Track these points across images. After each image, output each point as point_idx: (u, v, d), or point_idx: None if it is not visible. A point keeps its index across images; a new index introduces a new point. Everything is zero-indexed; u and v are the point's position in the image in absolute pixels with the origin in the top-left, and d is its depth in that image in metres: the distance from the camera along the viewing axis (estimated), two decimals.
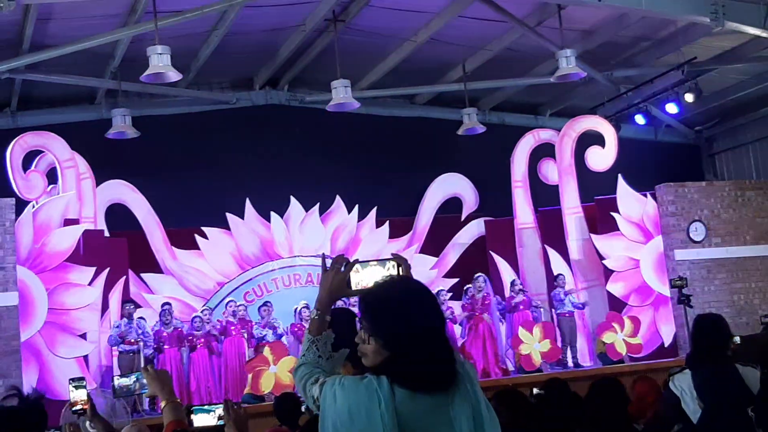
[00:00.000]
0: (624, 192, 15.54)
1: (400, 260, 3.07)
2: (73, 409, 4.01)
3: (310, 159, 16.38)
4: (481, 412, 2.58)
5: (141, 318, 13.67)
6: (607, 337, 14.49)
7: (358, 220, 16.43)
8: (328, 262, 3.05)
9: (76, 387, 4.00)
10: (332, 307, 3.01)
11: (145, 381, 3.48)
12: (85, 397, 4.10)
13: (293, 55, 15.41)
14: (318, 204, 16.08)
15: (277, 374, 13.01)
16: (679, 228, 15.27)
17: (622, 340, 14.51)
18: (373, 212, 16.48)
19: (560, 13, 13.52)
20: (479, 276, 15.10)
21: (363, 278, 2.94)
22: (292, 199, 16.00)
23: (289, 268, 15.97)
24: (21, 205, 12.92)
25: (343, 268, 3.00)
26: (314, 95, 16.42)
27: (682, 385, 5.20)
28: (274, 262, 15.86)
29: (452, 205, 17.27)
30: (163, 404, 3.44)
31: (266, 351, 13.32)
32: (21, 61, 13.05)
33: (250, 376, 13.27)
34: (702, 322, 5.39)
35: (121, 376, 3.65)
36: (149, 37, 12.03)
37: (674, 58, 15.41)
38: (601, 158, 15.91)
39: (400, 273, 2.97)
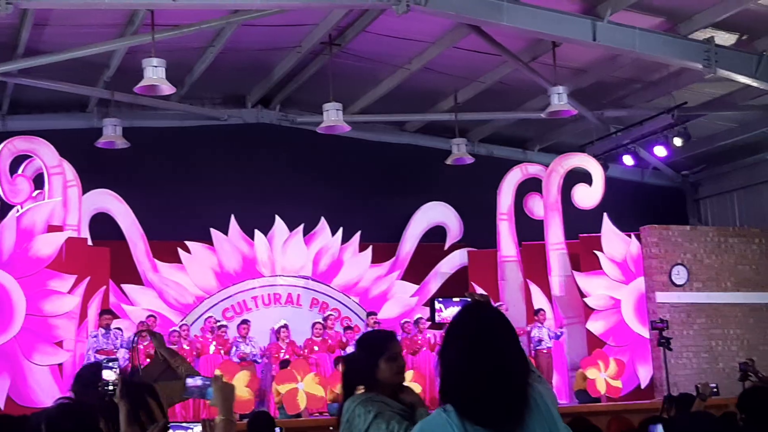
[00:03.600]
0: (608, 231, 15.61)
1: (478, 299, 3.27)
2: (106, 388, 3.95)
3: (298, 179, 16.40)
4: None
5: (118, 328, 13.58)
6: (591, 373, 14.50)
7: (342, 243, 16.45)
8: None
9: (108, 368, 3.95)
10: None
11: (212, 389, 3.45)
12: (114, 377, 4.05)
13: (287, 76, 15.46)
14: (302, 225, 16.10)
15: (306, 390, 12.99)
16: (662, 270, 15.33)
17: (604, 380, 14.52)
18: (357, 236, 16.50)
19: (554, 50, 13.64)
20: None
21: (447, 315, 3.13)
22: (277, 219, 16.01)
23: (270, 287, 15.94)
24: (5, 208, 12.87)
25: None
26: (305, 116, 16.45)
27: None
28: (255, 281, 15.83)
29: (436, 233, 17.31)
30: (218, 419, 3.38)
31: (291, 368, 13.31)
32: (15, 65, 13.05)
33: (278, 394, 13.17)
34: None
35: (189, 376, 3.60)
36: (145, 48, 12.07)
37: (665, 101, 15.54)
38: (587, 196, 15.97)
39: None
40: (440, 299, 4.08)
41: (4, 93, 14.59)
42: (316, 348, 14.32)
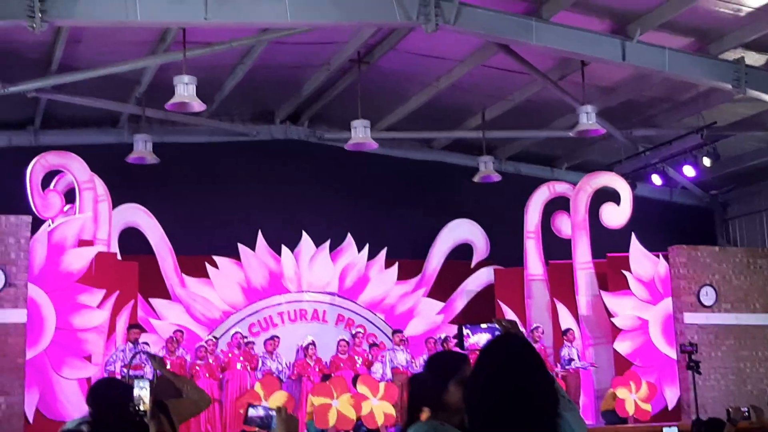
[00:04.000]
0: (636, 251, 15.52)
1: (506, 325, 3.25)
2: (137, 408, 3.96)
3: (325, 195, 16.46)
4: None
5: (145, 343, 13.65)
6: (621, 393, 14.38)
7: (368, 260, 16.48)
8: None
9: (137, 384, 3.96)
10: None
11: (275, 420, 3.43)
12: (147, 395, 4.06)
13: (315, 92, 15.55)
14: (329, 241, 16.15)
15: (339, 408, 13.03)
16: (690, 291, 15.22)
17: (634, 401, 14.40)
18: (383, 253, 16.53)
19: (583, 69, 13.62)
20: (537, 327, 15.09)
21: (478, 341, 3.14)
22: (304, 235, 16.07)
23: (296, 303, 16.00)
24: (37, 223, 12.99)
25: None
26: (333, 133, 16.53)
27: None
28: (282, 296, 15.90)
29: (462, 251, 17.30)
30: None
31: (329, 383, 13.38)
32: (48, 81, 13.21)
33: (312, 405, 13.21)
34: None
35: (252, 406, 3.58)
36: (176, 65, 12.17)
37: (694, 120, 15.48)
38: (615, 215, 15.90)
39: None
40: (468, 325, 4.05)
41: (38, 108, 14.75)
42: (341, 365, 14.32)
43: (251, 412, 3.50)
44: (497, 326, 3.52)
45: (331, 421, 12.83)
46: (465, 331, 15.01)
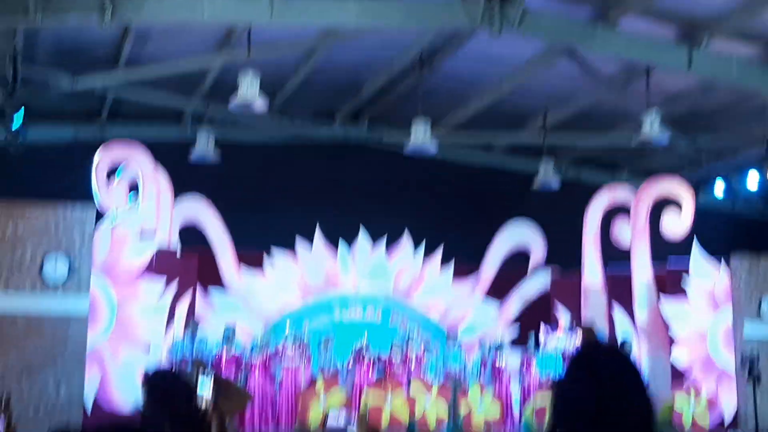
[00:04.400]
0: (697, 259, 15.30)
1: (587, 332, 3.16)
2: (199, 393, 4.05)
3: (383, 196, 16.50)
4: None
5: (203, 335, 13.83)
6: (679, 405, 14.15)
7: (424, 261, 16.47)
8: None
9: (206, 375, 4.05)
10: None
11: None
12: (209, 389, 4.14)
13: (377, 93, 15.59)
14: (385, 241, 16.18)
15: (392, 410, 13.09)
16: (750, 302, 14.97)
17: (692, 414, 14.16)
18: (440, 254, 16.50)
19: (648, 76, 13.46)
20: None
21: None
22: (361, 235, 16.13)
23: (351, 301, 16.08)
24: (101, 214, 13.23)
25: None
26: (393, 133, 16.55)
27: None
28: (337, 294, 15.98)
29: (520, 255, 17.20)
30: None
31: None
32: (116, 77, 13.46)
33: (364, 409, 13.30)
34: None
35: (332, 410, 3.64)
36: (240, 62, 12.32)
37: (759, 131, 15.21)
38: (676, 224, 15.68)
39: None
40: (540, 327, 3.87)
41: (105, 102, 15.02)
42: (395, 367, 14.33)
43: (333, 416, 3.53)
44: (575, 331, 3.38)
45: (384, 423, 12.86)
46: (541, 332, 15.01)
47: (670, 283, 15.37)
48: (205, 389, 4.13)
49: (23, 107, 12.45)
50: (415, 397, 13.31)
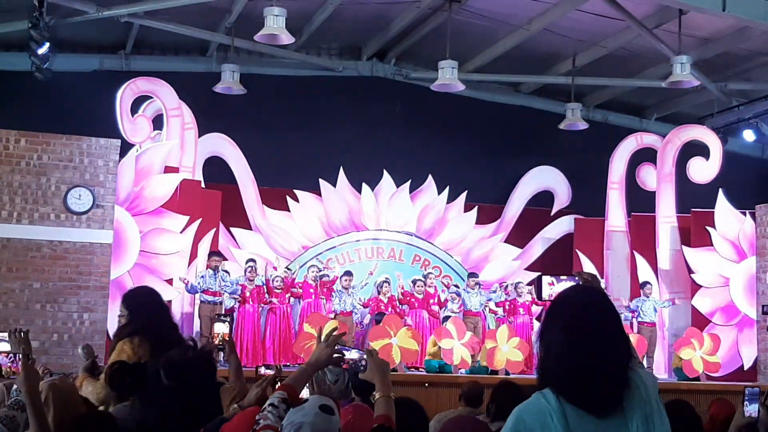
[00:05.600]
0: (723, 207, 15.17)
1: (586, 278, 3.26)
2: (214, 343, 4.08)
3: (408, 135, 16.41)
4: (653, 419, 2.55)
5: (225, 271, 13.92)
6: (685, 354, 14.15)
7: (447, 202, 16.44)
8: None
9: (217, 320, 4.07)
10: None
11: (366, 363, 3.47)
12: (226, 331, 4.17)
13: (404, 30, 15.40)
14: (410, 181, 16.14)
15: (399, 344, 13.07)
16: None
17: (700, 358, 14.18)
18: (463, 196, 16.46)
19: (681, 18, 13.21)
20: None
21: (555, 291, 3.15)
22: (385, 173, 16.09)
23: (374, 241, 16.11)
24: (126, 147, 13.24)
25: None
26: (420, 72, 16.41)
27: None
28: (360, 233, 16.00)
29: (543, 198, 17.13)
30: (379, 395, 3.42)
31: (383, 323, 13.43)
32: (141, 7, 13.37)
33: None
34: None
35: (344, 348, 3.62)
36: None
37: None
38: (703, 170, 15.53)
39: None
40: (547, 276, 4.03)
41: (129, 34, 14.93)
42: (416, 304, 14.40)
43: (346, 354, 3.50)
44: (577, 279, 3.46)
45: (397, 358, 12.90)
46: (545, 281, 14.99)
47: (694, 229, 15.27)
48: (222, 326, 4.14)
49: (48, 35, 12.42)
50: (447, 332, 13.32)
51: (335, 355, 3.42)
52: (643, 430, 2.51)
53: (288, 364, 12.56)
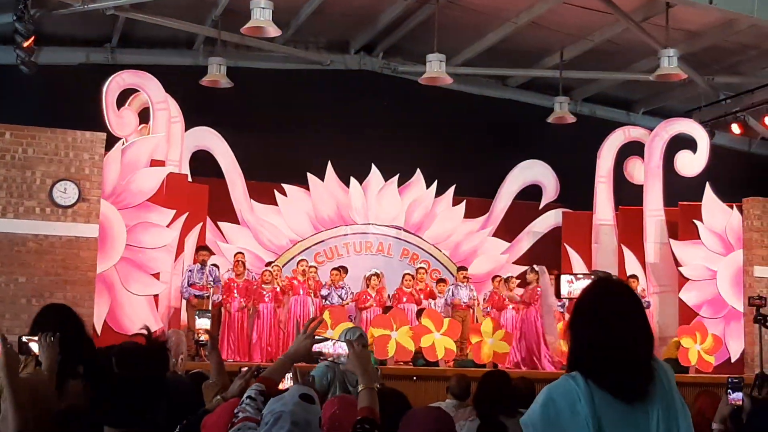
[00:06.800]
0: (710, 201, 15.22)
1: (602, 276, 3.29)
2: (196, 338, 4.07)
3: (396, 129, 16.36)
4: (676, 410, 2.70)
5: (213, 265, 13.85)
6: (686, 342, 14.19)
7: (436, 196, 16.44)
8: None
9: (200, 316, 4.04)
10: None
11: (346, 354, 3.46)
12: (207, 327, 4.14)
13: (392, 24, 15.37)
14: (398, 175, 16.12)
15: (398, 340, 13.10)
16: (762, 244, 14.92)
17: (698, 352, 14.21)
18: (451, 190, 16.45)
19: (668, 11, 13.22)
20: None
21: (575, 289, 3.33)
22: (373, 167, 16.07)
23: (362, 235, 16.09)
24: (112, 140, 13.17)
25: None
26: (407, 65, 16.38)
27: None
28: (348, 227, 15.98)
29: (532, 192, 17.13)
30: (360, 387, 3.40)
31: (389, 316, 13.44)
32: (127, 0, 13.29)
33: (371, 339, 13.26)
34: None
35: (320, 340, 3.60)
36: None
37: None
38: (690, 163, 15.58)
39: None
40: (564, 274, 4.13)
41: (115, 27, 14.85)
42: (404, 299, 14.37)
43: (320, 346, 3.50)
44: (594, 277, 3.62)
45: (390, 352, 12.93)
46: (563, 279, 14.92)
47: (681, 223, 15.31)
48: (203, 322, 4.12)
49: (34, 28, 12.33)
50: (425, 327, 13.33)
51: (314, 349, 3.43)
52: (663, 418, 2.64)
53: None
